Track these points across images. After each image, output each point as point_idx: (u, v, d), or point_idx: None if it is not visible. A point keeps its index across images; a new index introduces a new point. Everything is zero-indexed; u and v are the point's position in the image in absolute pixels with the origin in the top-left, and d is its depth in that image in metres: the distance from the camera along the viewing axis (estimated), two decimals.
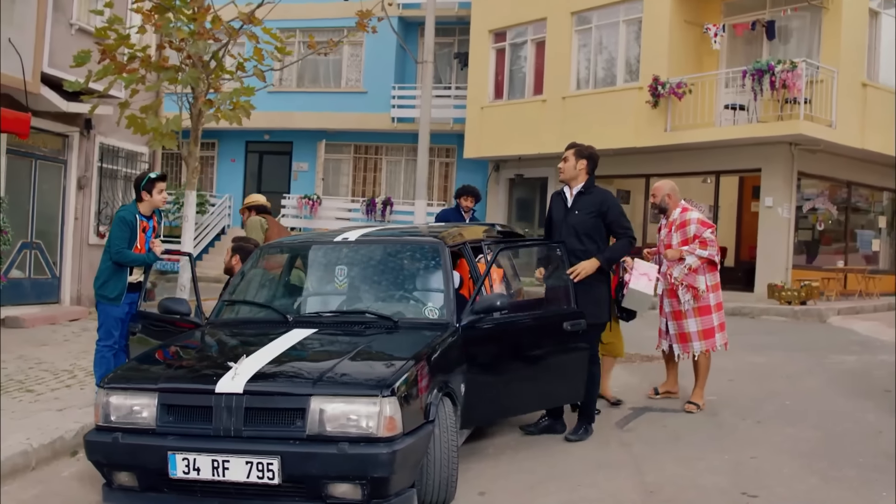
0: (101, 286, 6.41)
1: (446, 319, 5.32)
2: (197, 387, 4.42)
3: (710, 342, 7.10)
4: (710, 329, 7.10)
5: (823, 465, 5.54)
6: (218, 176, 25.27)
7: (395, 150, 24.18)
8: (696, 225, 7.07)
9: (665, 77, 15.84)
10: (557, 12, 18.14)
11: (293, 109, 23.63)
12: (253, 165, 25.18)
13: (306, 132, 23.92)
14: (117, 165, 14.56)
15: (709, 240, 7.01)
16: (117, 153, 14.32)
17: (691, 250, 6.96)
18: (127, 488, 4.44)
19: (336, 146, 24.42)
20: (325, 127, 23.61)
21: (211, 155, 25.48)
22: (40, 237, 12.63)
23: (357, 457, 4.09)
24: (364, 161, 24.58)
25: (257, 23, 10.24)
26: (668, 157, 16.69)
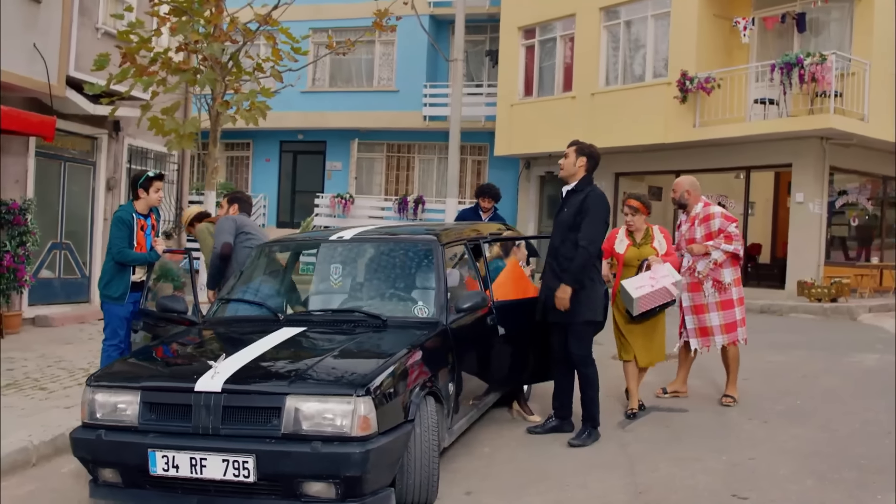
0: (105, 286, 6.53)
1: (436, 318, 5.32)
2: (177, 385, 4.47)
3: (733, 336, 7.11)
4: (733, 323, 7.10)
5: (823, 467, 5.43)
6: (253, 175, 25.52)
7: (428, 148, 24.21)
8: (721, 219, 7.06)
9: (693, 72, 15.62)
10: (586, 8, 17.99)
11: (326, 109, 23.78)
12: (287, 165, 25.38)
13: (339, 131, 24.05)
14: (146, 166, 14.77)
15: (734, 234, 6.99)
16: (146, 154, 14.54)
17: (717, 245, 6.94)
18: (111, 484, 4.52)
19: (369, 145, 24.53)
20: (358, 126, 23.72)
21: (246, 155, 25.76)
22: (70, 238, 12.88)
23: (329, 456, 4.11)
24: (397, 160, 24.64)
25: (274, 24, 10.36)
26: (697, 153, 16.45)
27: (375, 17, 11.45)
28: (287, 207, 25.18)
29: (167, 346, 5.30)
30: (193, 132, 9.95)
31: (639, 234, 6.70)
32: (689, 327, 7.18)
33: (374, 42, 23.99)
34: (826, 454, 5.71)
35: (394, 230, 6.34)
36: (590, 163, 6.11)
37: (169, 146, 10.01)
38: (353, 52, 24.07)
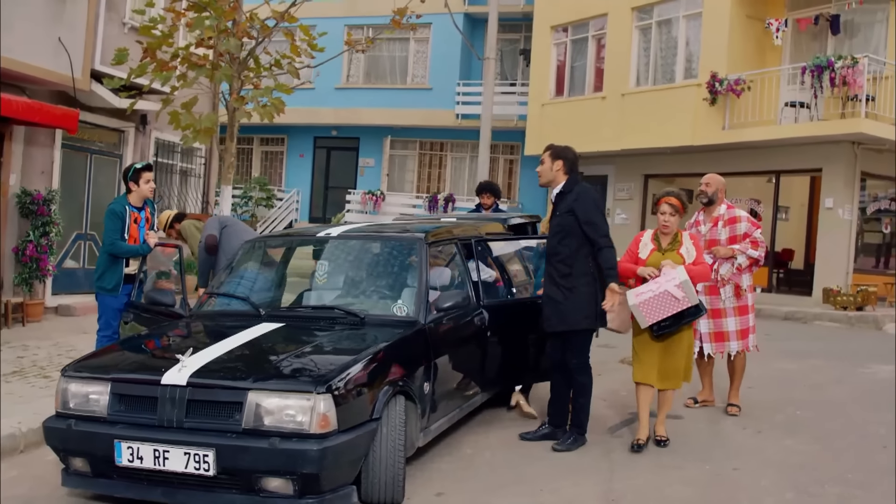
0: (99, 278, 6.63)
1: (413, 317, 5.31)
2: (145, 377, 4.53)
3: (746, 342, 6.99)
4: (747, 329, 6.98)
5: (807, 480, 5.31)
6: (287, 171, 25.74)
7: (460, 146, 24.20)
8: (747, 223, 6.95)
9: (724, 73, 15.38)
10: (618, 7, 17.81)
11: (360, 106, 23.89)
12: (321, 160, 25.55)
13: (373, 128, 24.15)
14: (173, 160, 15.01)
15: (760, 240, 6.89)
16: (173, 148, 14.74)
17: (743, 249, 6.80)
18: (81, 473, 4.59)
19: (402, 142, 24.61)
20: (391, 123, 23.79)
21: (280, 150, 25.99)
22: (95, 229, 13.09)
23: (286, 452, 4.13)
24: (429, 157, 24.67)
25: (292, 20, 10.42)
26: (727, 156, 16.18)
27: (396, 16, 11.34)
28: (320, 203, 25.35)
29: (146, 338, 5.37)
30: (210, 127, 10.03)
31: (666, 239, 5.98)
32: (704, 331, 6.96)
33: (409, 40, 24.06)
34: (813, 467, 5.59)
35: (383, 228, 6.33)
36: (566, 164, 6.02)
37: (184, 141, 10.12)
38: (388, 50, 24.40)
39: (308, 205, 25.37)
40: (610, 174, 19.23)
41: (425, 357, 5.20)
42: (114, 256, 6.55)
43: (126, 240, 6.53)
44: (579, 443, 5.97)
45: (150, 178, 6.67)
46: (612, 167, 19.04)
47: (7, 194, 11.24)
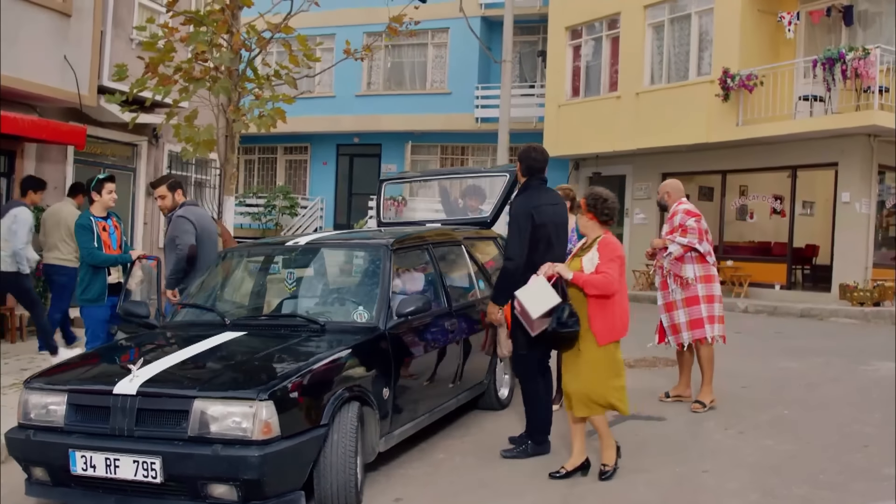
0: (83, 291, 6.76)
1: (373, 323, 5.34)
2: (98, 388, 4.61)
3: (699, 332, 6.98)
4: (699, 319, 6.99)
5: (775, 482, 5.23)
6: (311, 178, 25.96)
7: (481, 150, 24.19)
8: (682, 214, 7.05)
9: (736, 69, 15.19)
10: (631, 6, 17.70)
11: (381, 112, 24.03)
12: (344, 168, 25.73)
13: (394, 134, 24.26)
14: (188, 172, 15.22)
15: (689, 227, 6.97)
16: (188, 160, 14.92)
17: (673, 238, 6.94)
18: (42, 482, 4.69)
19: (423, 147, 24.69)
20: (412, 129, 23.89)
21: (304, 158, 26.22)
22: None
23: (228, 458, 4.18)
24: (451, 161, 24.70)
25: (288, 31, 10.52)
26: (743, 152, 16.01)
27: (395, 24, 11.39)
28: (344, 209, 25.53)
29: (109, 350, 5.48)
30: (210, 139, 10.15)
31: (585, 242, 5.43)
32: (665, 325, 7.15)
33: (427, 45, 24.15)
34: (785, 468, 5.50)
35: (350, 235, 6.38)
36: (523, 166, 5.90)
37: (183, 153, 10.26)
38: (407, 56, 24.50)
39: (332, 212, 25.55)
40: (628, 174, 19.10)
41: (384, 363, 5.22)
42: (95, 267, 6.68)
43: (101, 249, 6.66)
44: (528, 453, 5.77)
45: (112, 188, 6.84)
46: (629, 167, 18.91)
47: None
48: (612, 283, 5.04)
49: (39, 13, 10.69)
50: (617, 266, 5.09)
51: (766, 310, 14.11)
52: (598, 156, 19.42)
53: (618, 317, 5.11)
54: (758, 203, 17.22)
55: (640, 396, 7.48)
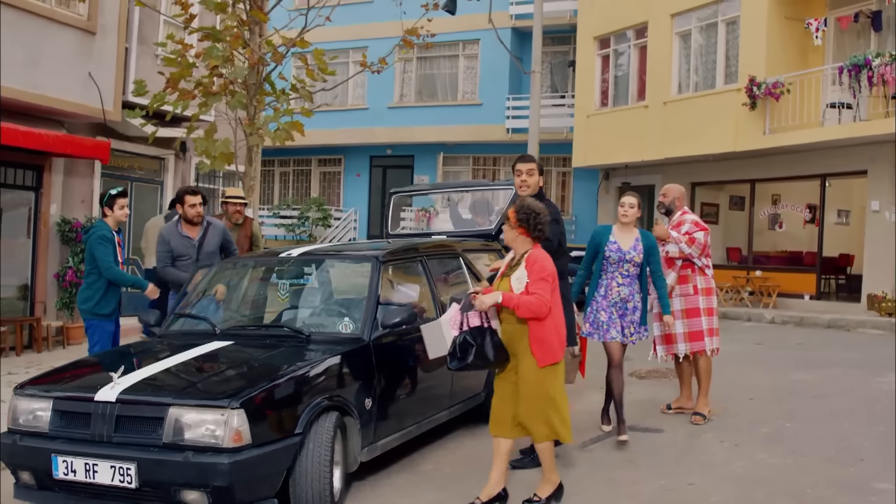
0: (96, 304, 6.70)
1: (358, 334, 5.40)
2: (81, 395, 4.73)
3: (698, 345, 6.95)
4: (699, 332, 6.95)
5: (760, 495, 5.17)
6: (344, 190, 26.20)
7: (512, 161, 24.14)
8: (690, 224, 7.02)
9: (763, 77, 15.02)
10: (658, 15, 17.62)
11: (413, 124, 24.19)
12: (377, 179, 25.92)
13: (426, 145, 24.39)
14: (215, 184, 15.49)
15: (697, 239, 6.87)
16: (214, 173, 15.20)
17: (678, 240, 6.88)
18: (28, 486, 4.82)
19: (455, 158, 24.79)
20: (444, 140, 24.01)
21: (338, 170, 26.48)
22: (137, 254, 13.59)
23: (199, 465, 4.26)
24: (482, 172, 24.75)
25: (304, 45, 10.68)
26: (772, 161, 15.82)
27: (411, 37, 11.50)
28: (377, 221, 25.68)
29: (98, 358, 5.61)
30: (227, 153, 10.33)
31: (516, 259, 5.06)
32: (656, 334, 7.06)
33: (459, 56, 24.27)
34: (773, 481, 5.43)
35: (343, 247, 6.46)
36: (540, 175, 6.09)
37: (200, 167, 10.46)
38: (438, 67, 24.64)
39: (366, 223, 25.75)
40: (657, 183, 18.93)
41: (367, 373, 5.28)
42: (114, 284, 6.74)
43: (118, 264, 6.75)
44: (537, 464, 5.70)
45: (125, 203, 6.86)
46: (658, 176, 18.76)
47: (48, 223, 11.83)
48: (544, 306, 4.75)
49: (65, 31, 11.01)
50: (548, 285, 4.79)
51: (793, 320, 13.89)
52: (626, 165, 19.33)
53: (555, 337, 4.86)
54: (787, 212, 16.98)
55: (644, 408, 7.47)
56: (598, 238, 6.46)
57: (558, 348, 4.89)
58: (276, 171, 27.47)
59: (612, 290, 6.37)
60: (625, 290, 6.35)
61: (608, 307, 6.37)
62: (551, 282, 4.84)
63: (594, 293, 6.46)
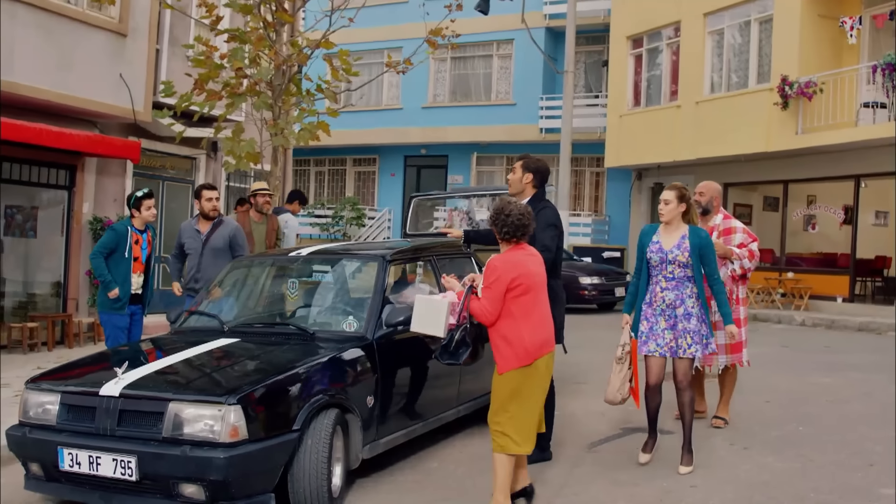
0: (107, 299, 7.01)
1: (361, 332, 5.47)
2: (87, 389, 4.86)
3: (737, 357, 6.73)
4: (739, 343, 6.65)
5: (761, 499, 5.14)
6: (379, 190, 26.36)
7: (547, 160, 24.06)
8: (743, 234, 6.75)
9: (796, 76, 14.82)
10: (690, 14, 17.48)
11: (447, 124, 24.28)
12: (411, 179, 26.05)
13: (460, 145, 24.46)
14: (246, 184, 15.69)
15: (756, 253, 6.67)
16: (245, 172, 15.39)
17: (741, 256, 6.59)
18: (37, 477, 4.98)
19: (488, 158, 24.82)
20: (477, 140, 24.05)
21: (372, 170, 26.66)
22: (168, 252, 13.85)
23: (195, 460, 4.36)
24: None
25: (329, 46, 10.80)
26: (804, 162, 15.62)
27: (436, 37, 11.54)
28: None
29: (111, 353, 5.76)
30: (253, 153, 10.48)
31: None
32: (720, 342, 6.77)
33: (493, 56, 24.29)
34: (777, 485, 5.38)
35: (352, 247, 6.54)
36: (536, 178, 5.95)
37: (225, 166, 10.63)
38: (472, 68, 24.69)
39: (400, 222, 25.82)
40: (690, 184, 18.69)
41: (370, 371, 5.34)
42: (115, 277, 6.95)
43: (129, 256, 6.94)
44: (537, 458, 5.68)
45: (151, 205, 7.10)
46: (691, 177, 18.54)
47: (81, 221, 12.10)
48: (483, 314, 4.69)
49: (96, 34, 11.25)
50: (493, 292, 4.65)
51: (824, 323, 13.70)
52: (659, 166, 19.20)
53: (516, 343, 4.67)
54: (822, 213, 16.73)
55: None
56: (642, 238, 5.93)
57: (521, 354, 4.68)
58: (312, 170, 27.74)
59: (656, 296, 5.76)
60: (670, 294, 5.70)
61: (653, 315, 5.76)
62: (497, 287, 4.65)
63: (642, 300, 5.90)
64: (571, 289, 16.12)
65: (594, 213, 23.14)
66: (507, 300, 4.67)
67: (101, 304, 7.12)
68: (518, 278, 4.68)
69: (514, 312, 4.69)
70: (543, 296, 4.89)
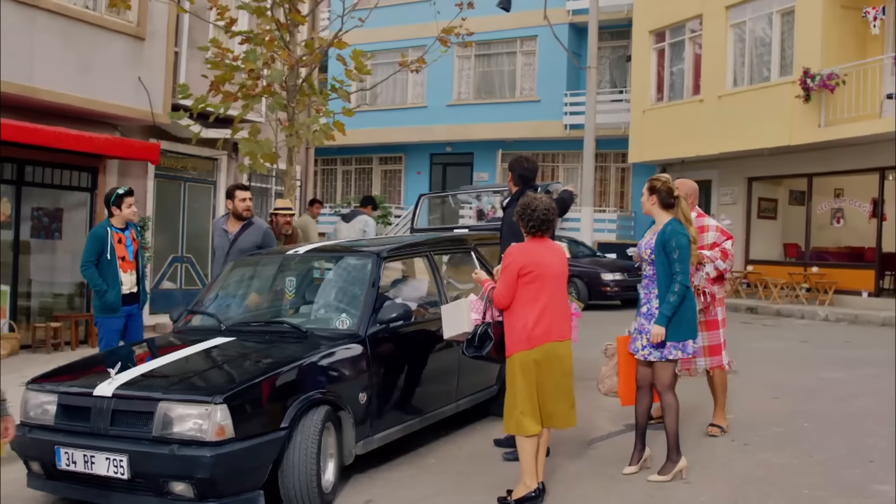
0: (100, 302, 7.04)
1: (354, 330, 5.54)
2: (82, 390, 4.97)
3: (717, 359, 6.54)
4: (718, 345, 6.53)
5: (754, 494, 5.12)
6: (405, 188, 26.46)
7: (571, 156, 24.09)
8: (716, 233, 6.59)
9: (819, 68, 14.63)
10: (712, 7, 17.32)
11: (472, 121, 24.30)
12: (437, 177, 26.12)
13: (485, 143, 24.48)
14: (268, 184, 15.87)
15: (729, 252, 6.52)
16: (268, 172, 15.56)
17: (713, 258, 6.43)
18: (39, 476, 5.11)
19: (513, 155, 24.73)
20: (502, 137, 24.05)
21: (398, 168, 26.76)
22: (191, 252, 14.08)
23: (183, 458, 4.45)
24: (541, 169, 24.63)
25: (342, 46, 10.88)
26: (827, 155, 15.41)
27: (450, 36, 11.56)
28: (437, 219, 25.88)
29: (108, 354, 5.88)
30: (269, 153, 10.59)
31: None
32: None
33: (516, 53, 24.26)
34: (771, 481, 5.36)
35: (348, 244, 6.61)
36: (515, 176, 6.04)
37: (240, 168, 10.76)
38: (496, 65, 24.69)
39: (426, 221, 25.91)
40: (714, 178, 18.64)
41: (362, 368, 5.40)
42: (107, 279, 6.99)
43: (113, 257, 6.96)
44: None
45: (132, 202, 7.10)
46: (715, 171, 18.46)
47: None
48: (497, 297, 4.97)
49: (115, 38, 11.44)
50: (504, 279, 4.94)
51: (847, 318, 13.52)
52: (683, 160, 19.04)
53: (517, 327, 4.93)
54: (848, 207, 16.50)
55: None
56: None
57: (515, 341, 4.93)
58: (339, 169, 27.92)
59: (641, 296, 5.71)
60: (641, 293, 5.68)
61: (637, 315, 5.69)
62: (508, 274, 4.92)
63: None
64: (594, 285, 16.11)
65: (619, 210, 23.02)
66: (518, 286, 4.93)
67: (96, 308, 7.09)
68: (529, 265, 4.92)
69: (522, 298, 4.93)
70: (556, 286, 5.04)
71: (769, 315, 14.93)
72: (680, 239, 5.42)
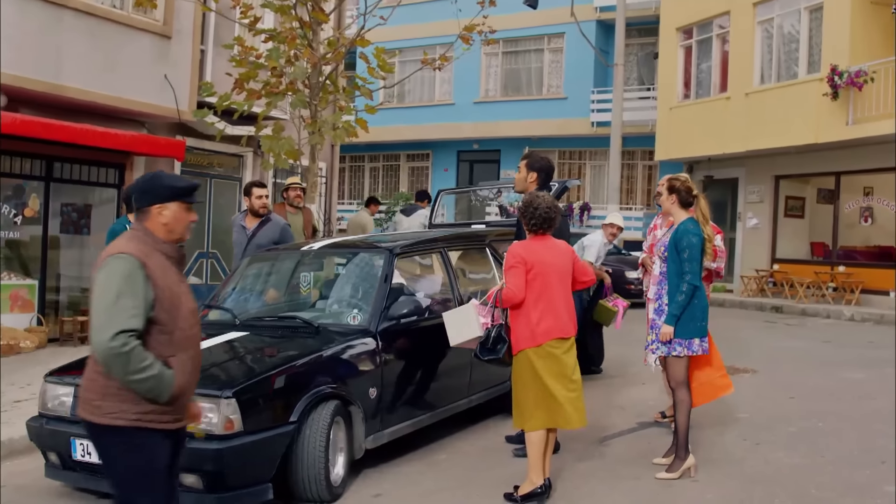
0: None
1: (365, 325, 5.61)
2: None
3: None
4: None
5: (761, 494, 5.12)
6: (432, 184, 26.49)
7: (599, 154, 24.00)
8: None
9: (847, 66, 14.45)
10: (740, 4, 17.16)
11: (499, 119, 24.30)
12: (464, 174, 26.14)
13: (512, 140, 24.44)
14: None
15: (720, 249, 6.56)
16: (292, 169, 15.70)
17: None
18: (55, 466, 5.23)
19: (540, 153, 24.68)
20: (529, 134, 23.99)
21: (426, 165, 26.83)
22: (216, 247, 14.25)
23: (192, 451, 4.50)
24: (568, 166, 24.63)
25: (364, 44, 10.96)
26: (856, 153, 15.22)
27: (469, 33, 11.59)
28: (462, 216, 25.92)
29: None
30: (292, 150, 10.70)
31: None
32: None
33: (544, 50, 24.22)
34: (779, 481, 5.35)
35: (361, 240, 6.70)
36: (540, 177, 6.05)
37: (264, 165, 10.88)
38: (523, 62, 24.66)
39: (452, 217, 25.96)
40: (740, 177, 18.49)
41: (372, 363, 5.47)
42: None
43: None
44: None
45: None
46: (742, 169, 18.31)
47: None
48: (509, 295, 4.95)
49: (142, 36, 11.61)
50: (513, 276, 4.95)
51: (873, 318, 13.37)
52: (710, 158, 18.90)
53: (523, 325, 4.95)
54: (877, 205, 16.29)
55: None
56: None
57: (527, 336, 4.96)
58: (367, 166, 28.05)
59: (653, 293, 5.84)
60: (653, 290, 5.86)
61: (652, 312, 5.79)
62: (516, 271, 4.95)
63: None
64: (618, 283, 16.04)
65: (646, 207, 22.90)
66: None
67: None
68: (531, 263, 4.97)
69: (526, 296, 4.96)
70: (558, 284, 5.05)
71: (794, 314, 14.81)
72: (691, 238, 5.45)
